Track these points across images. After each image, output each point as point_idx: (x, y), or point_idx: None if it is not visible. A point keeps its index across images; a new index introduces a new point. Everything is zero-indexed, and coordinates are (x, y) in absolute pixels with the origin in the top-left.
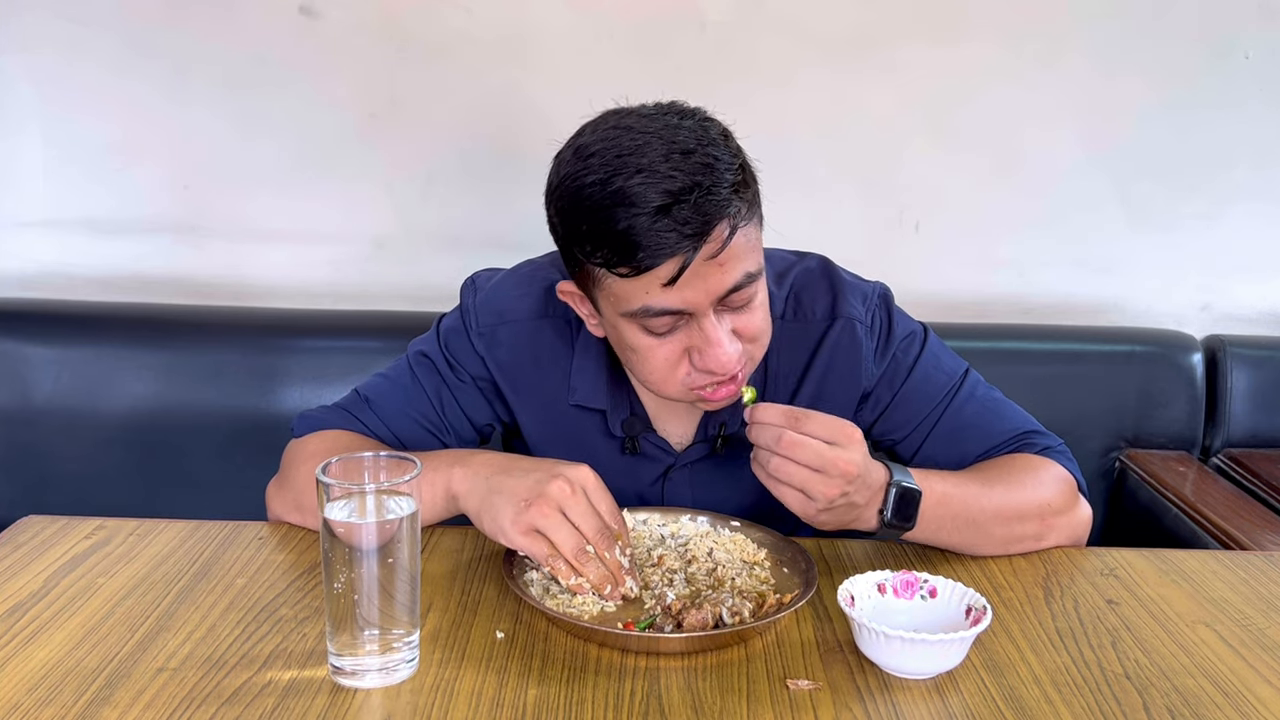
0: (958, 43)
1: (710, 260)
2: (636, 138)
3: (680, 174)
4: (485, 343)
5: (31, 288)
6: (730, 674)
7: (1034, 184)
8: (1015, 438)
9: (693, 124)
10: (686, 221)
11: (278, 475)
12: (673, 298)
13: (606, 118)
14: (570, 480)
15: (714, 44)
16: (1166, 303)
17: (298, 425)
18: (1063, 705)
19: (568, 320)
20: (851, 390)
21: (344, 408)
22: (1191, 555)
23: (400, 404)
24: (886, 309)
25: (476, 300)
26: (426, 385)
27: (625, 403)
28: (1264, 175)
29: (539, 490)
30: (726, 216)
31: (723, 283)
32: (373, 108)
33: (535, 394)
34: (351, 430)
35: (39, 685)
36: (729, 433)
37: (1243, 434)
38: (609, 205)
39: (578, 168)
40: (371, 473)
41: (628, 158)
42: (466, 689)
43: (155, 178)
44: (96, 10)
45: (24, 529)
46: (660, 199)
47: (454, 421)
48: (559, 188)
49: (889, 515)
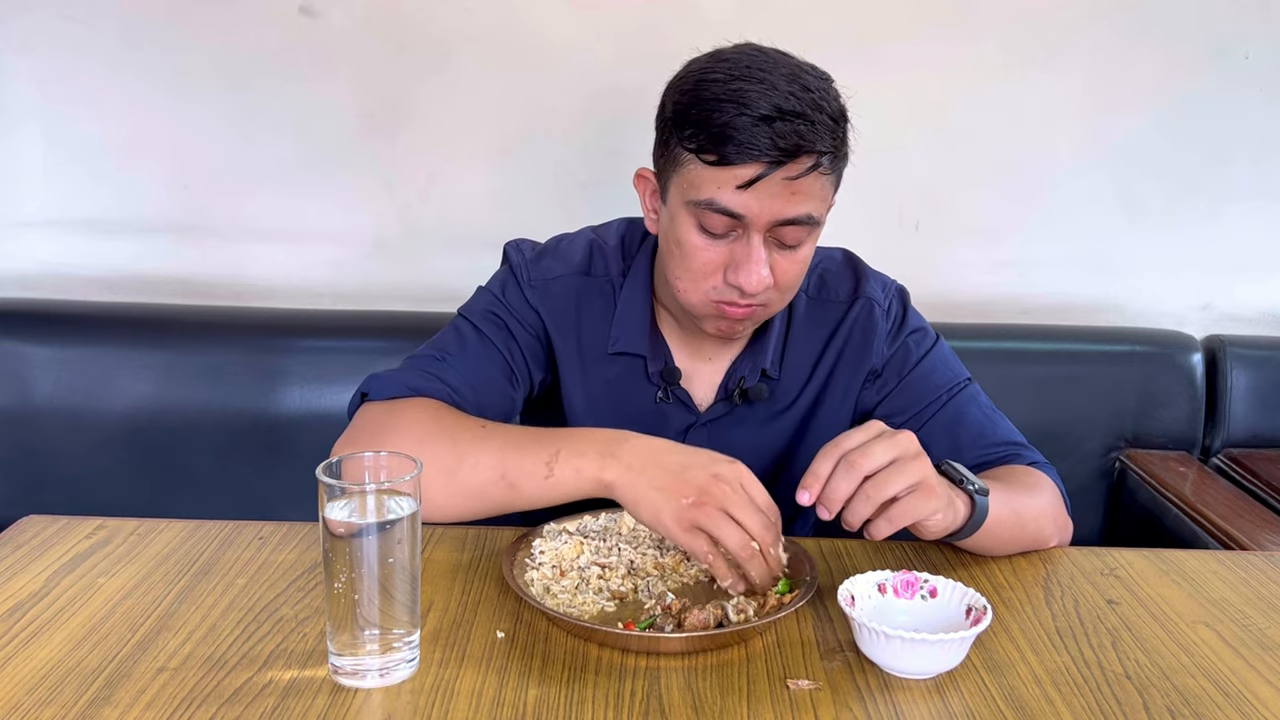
0: (958, 43)
1: (785, 181)
2: (768, 61)
3: (794, 99)
4: (538, 294)
5: (31, 288)
6: (730, 674)
7: (1034, 184)
8: (1007, 445)
9: (820, 76)
10: (782, 136)
11: (352, 438)
12: (739, 200)
13: (747, 44)
14: (729, 479)
15: (714, 44)
16: (1166, 303)
17: (376, 388)
18: (1063, 705)
19: (609, 279)
20: (862, 366)
21: (422, 369)
22: (1191, 555)
23: (477, 361)
24: (902, 301)
25: (526, 259)
26: (496, 340)
27: (662, 354)
28: (1264, 175)
29: (700, 487)
30: (816, 152)
31: (786, 209)
32: (373, 108)
33: (578, 345)
34: (438, 395)
35: (39, 685)
36: (747, 387)
37: (1243, 434)
38: (723, 99)
39: (707, 65)
40: (372, 472)
41: (755, 70)
42: (466, 689)
43: (155, 177)
44: (97, 10)
45: (24, 529)
46: (768, 110)
47: (521, 372)
48: (684, 77)
49: (974, 486)
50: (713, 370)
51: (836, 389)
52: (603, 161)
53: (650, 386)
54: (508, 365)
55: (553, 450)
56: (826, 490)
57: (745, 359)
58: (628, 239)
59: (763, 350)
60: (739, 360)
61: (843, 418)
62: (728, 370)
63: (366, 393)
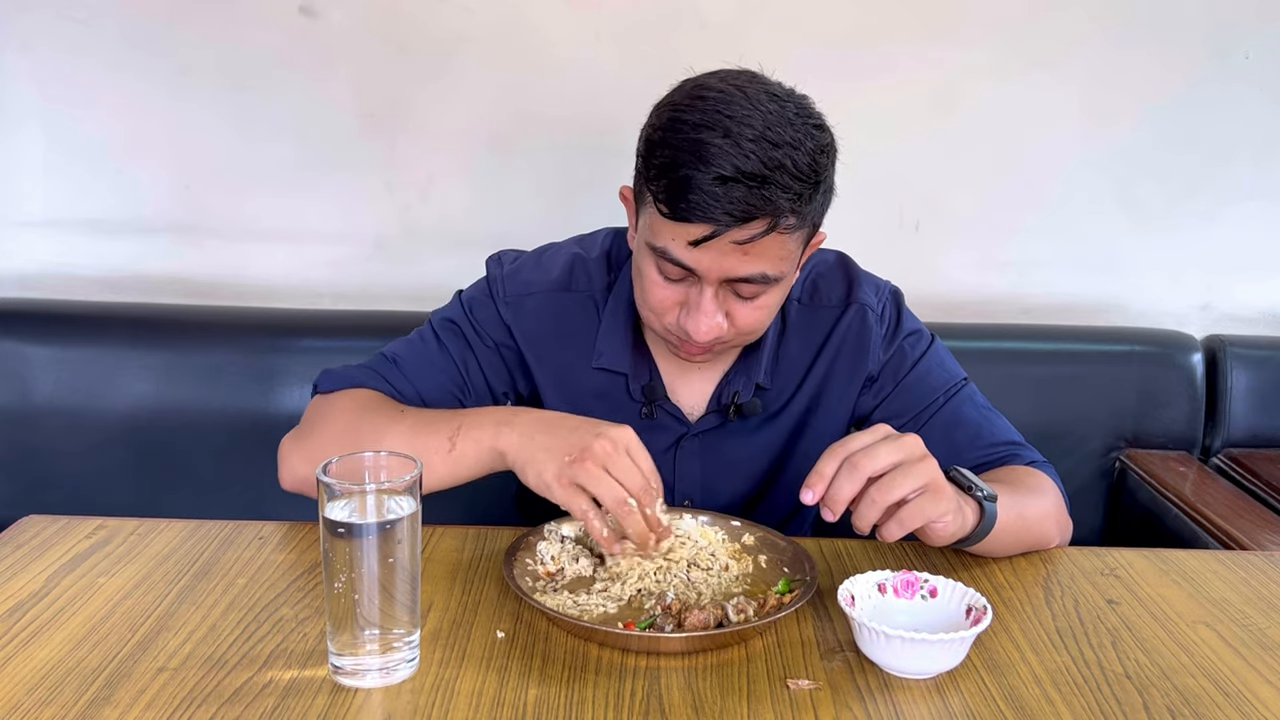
0: (958, 43)
1: (736, 244)
2: (745, 106)
3: (755, 159)
4: (512, 312)
5: (31, 288)
6: (730, 674)
7: (1034, 184)
8: (1006, 444)
9: (802, 124)
10: (734, 201)
11: (297, 430)
12: (690, 256)
13: (742, 74)
14: (613, 439)
15: (714, 44)
16: (1166, 303)
17: (323, 381)
18: (1063, 705)
19: (591, 294)
20: (858, 372)
21: (371, 368)
22: (1191, 555)
23: (426, 367)
24: (896, 304)
25: (504, 272)
26: (452, 349)
27: (646, 369)
28: (1264, 175)
29: (583, 446)
30: (769, 215)
31: (739, 268)
32: (373, 108)
33: (557, 362)
34: (379, 390)
35: (39, 685)
36: (741, 401)
37: (1243, 434)
38: (685, 150)
39: (685, 101)
40: (372, 472)
41: (726, 119)
42: (466, 689)
43: (156, 177)
44: (97, 10)
45: (24, 529)
46: (727, 170)
47: (476, 386)
48: (663, 108)
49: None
50: (704, 380)
51: (831, 396)
52: (602, 162)
53: (634, 402)
54: (460, 376)
55: (454, 426)
56: (830, 491)
57: (738, 372)
58: (613, 252)
59: (756, 363)
60: (731, 373)
61: (838, 424)
62: (719, 382)
63: (317, 385)
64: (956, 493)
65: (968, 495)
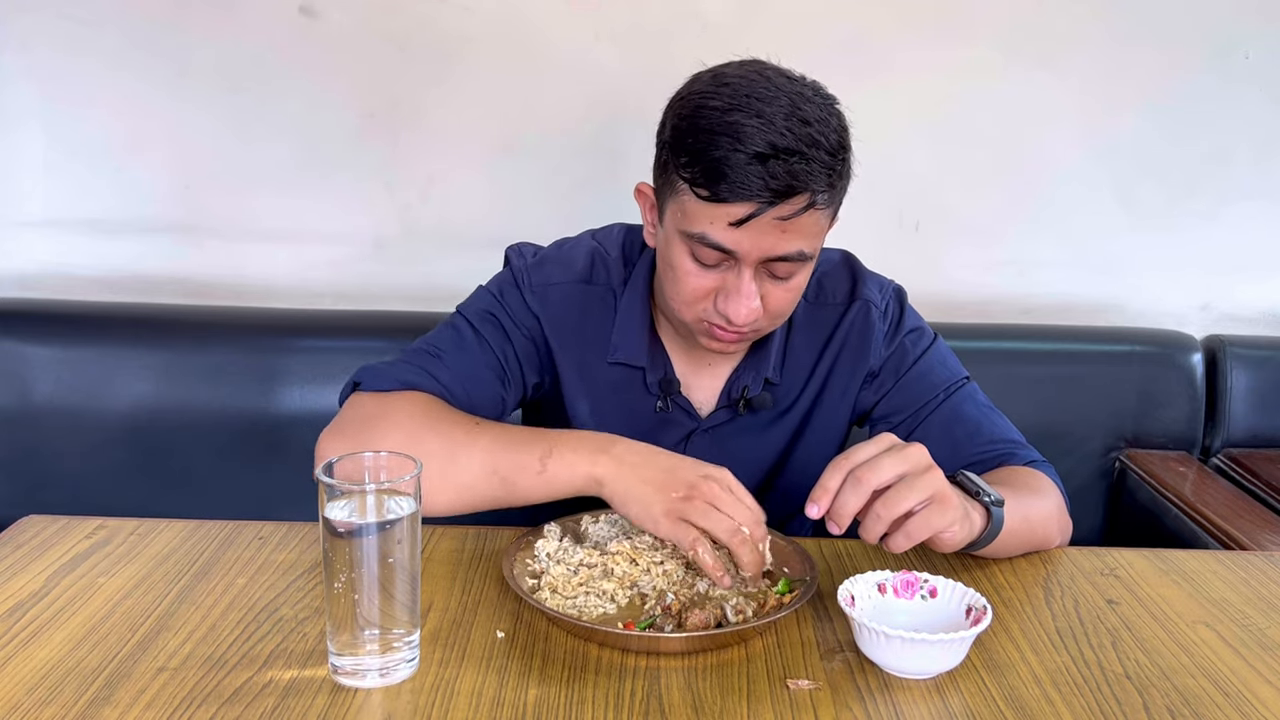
0: (958, 43)
1: (777, 221)
2: (770, 88)
3: (790, 135)
4: (538, 300)
5: (31, 288)
6: (730, 674)
7: (1034, 184)
8: (1005, 443)
9: (823, 103)
10: (775, 176)
11: (339, 429)
12: (730, 237)
13: (753, 62)
14: (718, 479)
15: (714, 44)
16: (1166, 303)
17: (367, 379)
18: (1063, 705)
19: (610, 288)
20: (860, 367)
21: (414, 364)
22: (1191, 555)
23: (469, 360)
24: (900, 301)
25: (528, 263)
26: (491, 341)
27: (661, 363)
28: (1264, 175)
29: (690, 484)
30: (810, 190)
31: (778, 246)
32: (373, 108)
33: (577, 353)
34: (428, 389)
35: (39, 685)
36: (751, 395)
37: (1243, 434)
38: (718, 132)
39: (708, 89)
40: (372, 472)
41: (754, 101)
42: (466, 689)
43: (156, 177)
44: (97, 10)
45: (24, 529)
46: (763, 147)
47: (514, 376)
48: (685, 99)
49: (990, 497)
50: (714, 376)
51: (834, 391)
52: (602, 162)
53: (650, 396)
54: (501, 366)
55: (546, 447)
56: (835, 505)
57: (747, 367)
58: (628, 248)
59: (765, 359)
60: (741, 368)
61: (840, 419)
62: (729, 378)
63: (359, 382)
64: (963, 498)
65: (975, 500)
